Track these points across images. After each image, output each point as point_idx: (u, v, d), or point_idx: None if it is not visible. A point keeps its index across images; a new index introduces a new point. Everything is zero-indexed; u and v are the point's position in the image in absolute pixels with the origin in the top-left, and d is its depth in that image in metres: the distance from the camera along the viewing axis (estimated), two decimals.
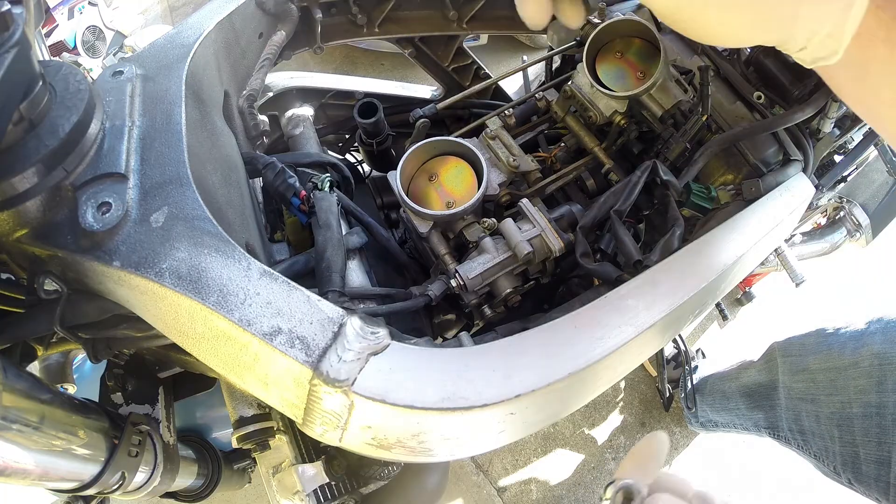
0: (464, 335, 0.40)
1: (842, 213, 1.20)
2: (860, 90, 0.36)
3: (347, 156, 0.81)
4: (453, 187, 0.51)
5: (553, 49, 0.68)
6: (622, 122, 0.56)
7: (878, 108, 0.36)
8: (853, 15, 0.31)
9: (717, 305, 1.48)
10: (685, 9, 0.33)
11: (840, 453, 0.74)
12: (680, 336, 1.22)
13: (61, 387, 0.64)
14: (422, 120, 0.59)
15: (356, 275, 0.49)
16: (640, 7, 0.71)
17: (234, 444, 0.58)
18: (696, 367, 1.30)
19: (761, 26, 0.33)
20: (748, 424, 1.03)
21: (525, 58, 0.69)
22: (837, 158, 0.81)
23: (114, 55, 1.73)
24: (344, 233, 0.49)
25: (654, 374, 1.40)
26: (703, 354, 1.38)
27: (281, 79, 0.73)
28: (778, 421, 0.92)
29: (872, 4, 0.31)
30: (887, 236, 1.22)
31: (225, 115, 0.55)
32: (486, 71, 0.84)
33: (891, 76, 0.33)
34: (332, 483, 0.56)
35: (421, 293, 0.48)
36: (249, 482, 0.76)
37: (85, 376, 0.69)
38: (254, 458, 0.69)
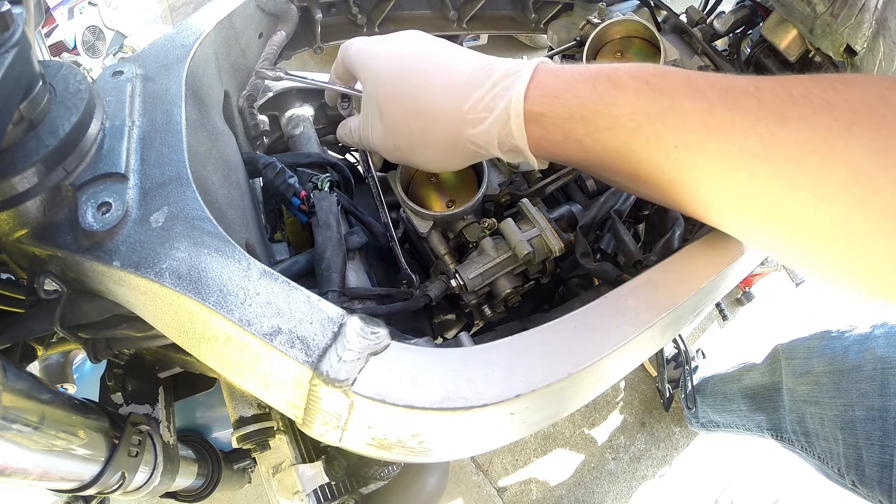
0: (464, 335, 0.40)
1: None
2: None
3: (347, 156, 0.81)
4: (453, 187, 0.51)
5: (553, 49, 0.68)
6: None
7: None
8: (514, 132, 0.35)
9: (717, 305, 1.48)
10: (404, 159, 0.43)
11: (844, 455, 0.74)
12: (680, 336, 1.22)
13: (61, 387, 0.64)
14: None
15: (356, 275, 0.49)
16: (640, 7, 0.71)
17: (234, 444, 0.58)
18: (697, 367, 1.30)
19: (453, 164, 0.42)
20: (750, 425, 1.04)
21: (525, 58, 0.70)
22: None
23: (114, 55, 1.73)
24: (344, 233, 0.49)
25: (654, 374, 1.40)
26: (703, 354, 1.38)
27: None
28: (781, 423, 0.92)
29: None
30: None
31: (225, 115, 0.55)
32: None
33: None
34: (332, 483, 0.56)
35: (421, 293, 0.48)
36: (249, 482, 0.76)
37: (85, 376, 0.69)
38: (254, 458, 0.69)
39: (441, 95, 0.37)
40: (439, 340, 0.53)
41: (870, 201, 0.25)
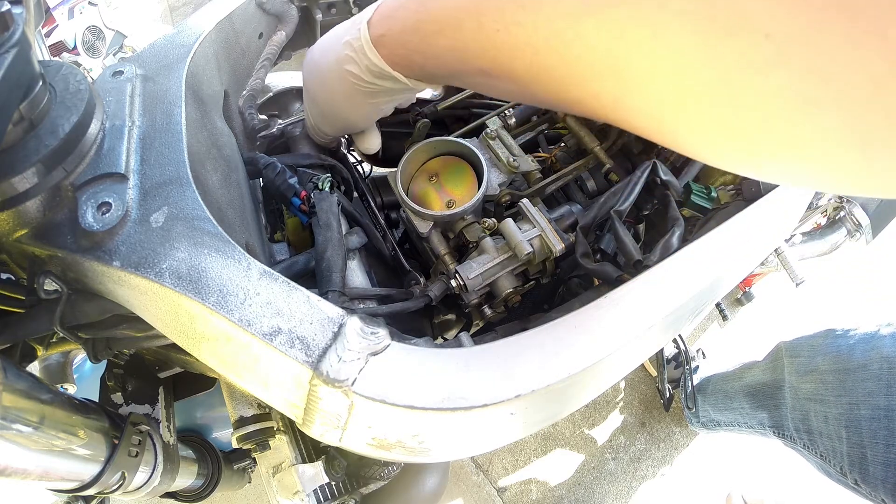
0: (464, 335, 0.40)
1: (842, 213, 1.21)
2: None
3: (347, 155, 0.81)
4: (453, 187, 0.51)
5: None
6: None
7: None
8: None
9: (717, 305, 1.48)
10: (329, 121, 0.50)
11: (847, 454, 0.74)
12: (680, 336, 1.22)
13: (61, 387, 0.64)
14: (422, 120, 0.59)
15: (356, 275, 0.49)
16: None
17: (234, 444, 0.58)
18: (697, 367, 1.30)
19: (359, 108, 0.46)
20: (752, 423, 1.04)
21: None
22: None
23: (114, 55, 1.73)
24: (344, 232, 0.49)
25: (654, 374, 1.40)
26: (703, 354, 1.38)
27: (281, 79, 0.73)
28: (783, 420, 0.92)
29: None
30: (887, 236, 1.22)
31: (225, 115, 0.55)
32: None
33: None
34: (332, 483, 0.56)
35: (421, 293, 0.48)
36: (249, 482, 0.76)
37: (85, 376, 0.69)
38: (254, 458, 0.69)
39: (330, 47, 0.43)
40: (439, 340, 0.53)
41: None
